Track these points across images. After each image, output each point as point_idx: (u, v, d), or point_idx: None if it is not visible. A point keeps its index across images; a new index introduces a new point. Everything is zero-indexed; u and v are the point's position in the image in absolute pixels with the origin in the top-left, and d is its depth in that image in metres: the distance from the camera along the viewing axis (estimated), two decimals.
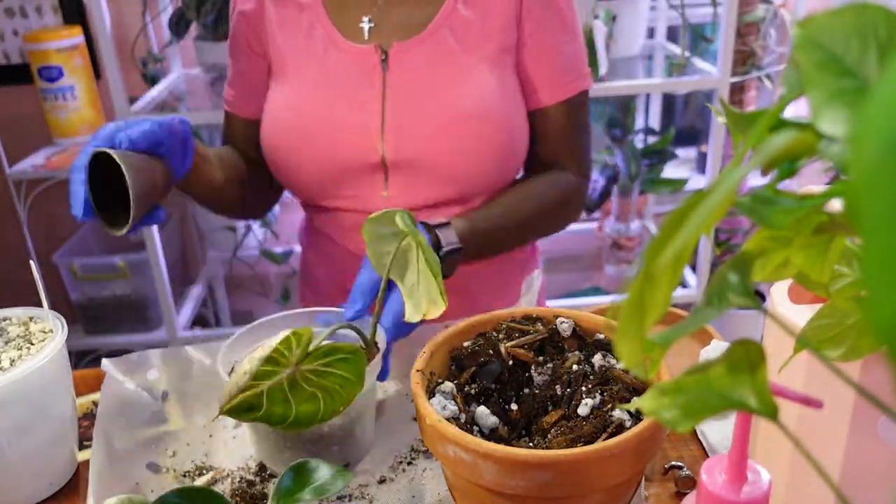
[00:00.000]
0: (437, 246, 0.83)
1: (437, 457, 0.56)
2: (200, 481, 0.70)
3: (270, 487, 0.70)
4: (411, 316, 0.69)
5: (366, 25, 0.93)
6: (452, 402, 0.60)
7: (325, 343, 0.60)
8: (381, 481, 0.69)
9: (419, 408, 0.57)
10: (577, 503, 0.53)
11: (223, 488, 0.70)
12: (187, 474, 0.72)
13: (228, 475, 0.72)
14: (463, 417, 0.59)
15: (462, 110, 0.89)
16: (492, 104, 0.90)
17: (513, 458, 0.50)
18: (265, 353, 0.57)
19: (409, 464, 0.72)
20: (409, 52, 0.91)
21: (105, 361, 0.79)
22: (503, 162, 0.93)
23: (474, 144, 0.90)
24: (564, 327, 0.66)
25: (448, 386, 0.61)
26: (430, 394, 0.60)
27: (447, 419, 0.56)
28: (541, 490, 0.51)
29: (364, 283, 0.75)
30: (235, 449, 0.75)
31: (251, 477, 0.71)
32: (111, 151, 0.75)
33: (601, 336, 0.66)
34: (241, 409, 0.59)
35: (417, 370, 0.61)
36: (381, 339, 0.72)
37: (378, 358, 0.69)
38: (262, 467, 0.72)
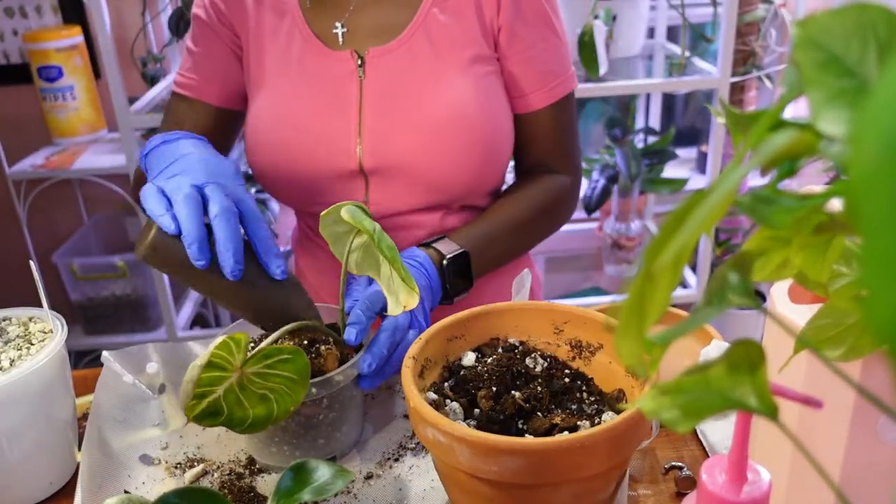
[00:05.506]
0: (440, 258, 0.85)
1: (421, 440, 0.57)
2: (190, 474, 0.71)
3: (258, 480, 0.71)
4: (393, 310, 0.69)
5: (339, 31, 0.92)
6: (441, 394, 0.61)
7: (264, 345, 0.61)
8: (368, 477, 0.70)
9: (405, 391, 0.58)
10: (552, 491, 0.53)
11: (212, 480, 0.71)
12: (179, 466, 0.72)
13: (218, 468, 0.72)
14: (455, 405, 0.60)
15: (439, 116, 0.88)
16: (470, 110, 0.89)
17: (483, 442, 0.51)
18: (204, 360, 0.58)
19: (395, 460, 0.72)
20: (385, 58, 0.90)
21: (105, 354, 0.79)
22: (484, 167, 0.92)
23: (453, 150, 0.89)
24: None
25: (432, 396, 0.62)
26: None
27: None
28: (513, 476, 0.51)
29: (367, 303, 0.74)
30: (227, 442, 0.76)
31: (240, 470, 0.72)
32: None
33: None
34: (207, 415, 0.60)
35: (412, 357, 0.61)
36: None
37: (362, 353, 0.70)
38: (251, 461, 0.73)
